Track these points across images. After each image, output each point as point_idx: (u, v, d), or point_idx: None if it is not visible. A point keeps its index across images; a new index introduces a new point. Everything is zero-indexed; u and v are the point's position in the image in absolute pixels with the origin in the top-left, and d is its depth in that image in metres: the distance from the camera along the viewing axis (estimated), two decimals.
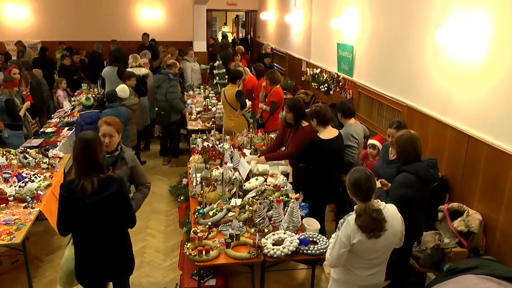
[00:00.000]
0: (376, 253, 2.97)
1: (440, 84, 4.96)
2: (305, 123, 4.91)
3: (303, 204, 4.23)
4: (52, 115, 8.08)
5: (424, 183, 3.61)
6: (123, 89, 6.81)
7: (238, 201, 4.19)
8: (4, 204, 4.57)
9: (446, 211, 4.39)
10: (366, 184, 2.89)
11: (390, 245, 3.01)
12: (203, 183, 4.38)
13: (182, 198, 5.68)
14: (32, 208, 4.54)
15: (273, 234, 3.72)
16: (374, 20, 6.76)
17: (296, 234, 3.77)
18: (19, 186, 4.82)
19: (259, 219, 3.88)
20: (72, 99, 8.72)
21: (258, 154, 5.36)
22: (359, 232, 2.85)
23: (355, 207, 2.96)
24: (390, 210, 2.97)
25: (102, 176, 2.98)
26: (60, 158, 5.68)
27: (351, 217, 2.90)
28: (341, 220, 2.99)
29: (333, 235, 3.14)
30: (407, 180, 3.58)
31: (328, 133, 4.52)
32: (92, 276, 3.22)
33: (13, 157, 5.52)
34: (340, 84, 8.04)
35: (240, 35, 22.08)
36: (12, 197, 4.66)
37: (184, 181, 5.82)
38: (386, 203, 3.01)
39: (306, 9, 10.24)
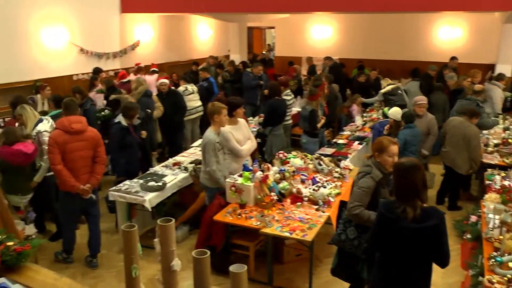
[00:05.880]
0: None
1: None
2: None
3: None
4: (344, 128, 8.63)
5: None
6: (399, 111, 6.79)
7: None
8: (300, 203, 5.13)
9: None
10: None
11: None
12: (503, 228, 3.94)
13: (468, 236, 5.23)
14: (323, 212, 4.94)
15: None
16: None
17: None
18: (313, 189, 5.31)
19: None
20: (364, 114, 9.13)
21: None
22: None
23: None
24: None
25: (425, 205, 2.99)
26: (350, 170, 5.98)
27: None
28: None
29: None
30: None
31: None
32: None
33: (310, 162, 6.12)
34: None
35: None
36: (307, 198, 5.18)
37: (473, 218, 5.34)
38: None
39: None
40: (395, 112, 6.77)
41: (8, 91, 8.46)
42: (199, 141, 7.42)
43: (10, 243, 2.75)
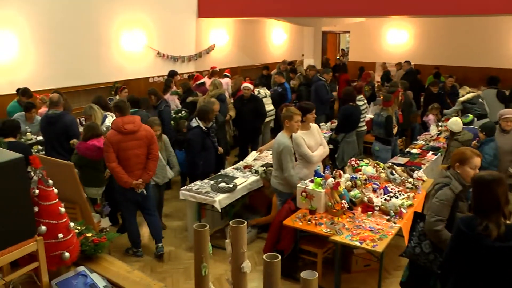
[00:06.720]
0: None
1: None
2: None
3: None
4: (418, 137, 8.28)
5: None
6: (456, 123, 6.36)
7: None
8: (371, 212, 4.96)
9: None
10: None
11: None
12: None
13: None
14: (394, 223, 4.75)
15: None
16: None
17: None
18: (385, 199, 5.13)
19: None
20: (439, 124, 8.71)
21: None
22: None
23: None
24: None
25: (509, 222, 2.79)
26: (424, 181, 5.70)
27: None
28: None
29: None
30: None
31: None
32: None
33: (382, 171, 5.91)
34: None
35: None
36: (378, 208, 5.00)
37: None
38: None
39: None
40: (452, 123, 6.40)
41: (90, 92, 9.00)
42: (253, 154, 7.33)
43: (89, 234, 2.90)
